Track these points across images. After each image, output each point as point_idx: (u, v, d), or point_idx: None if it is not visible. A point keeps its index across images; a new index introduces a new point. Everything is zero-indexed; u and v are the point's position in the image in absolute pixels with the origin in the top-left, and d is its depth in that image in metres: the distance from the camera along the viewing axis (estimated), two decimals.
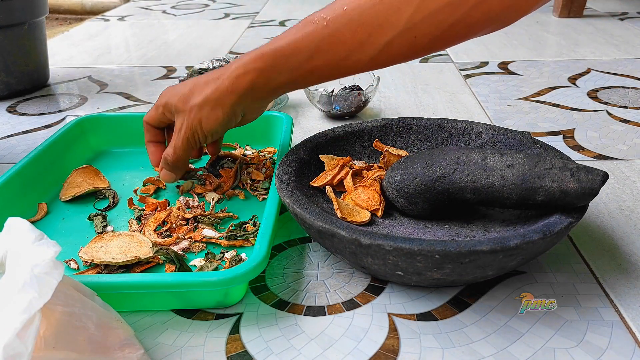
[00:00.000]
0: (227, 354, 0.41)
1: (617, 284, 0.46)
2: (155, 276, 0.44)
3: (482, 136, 0.58)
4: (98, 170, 0.64)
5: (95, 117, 0.72)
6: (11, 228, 0.36)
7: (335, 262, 0.50)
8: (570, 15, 1.43)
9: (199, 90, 0.51)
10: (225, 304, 0.45)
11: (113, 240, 0.50)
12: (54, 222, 0.57)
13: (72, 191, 0.60)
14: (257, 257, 0.43)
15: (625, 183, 0.62)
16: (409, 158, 0.51)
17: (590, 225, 0.55)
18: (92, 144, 0.71)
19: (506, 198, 0.45)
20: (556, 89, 0.94)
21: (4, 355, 0.29)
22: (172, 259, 0.47)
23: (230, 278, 0.41)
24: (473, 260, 0.40)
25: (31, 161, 0.60)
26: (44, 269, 0.32)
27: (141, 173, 0.66)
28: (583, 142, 0.73)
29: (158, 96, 0.56)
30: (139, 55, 1.22)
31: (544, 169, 0.43)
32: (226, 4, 1.79)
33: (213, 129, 0.52)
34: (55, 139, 0.65)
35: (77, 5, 2.24)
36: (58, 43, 1.35)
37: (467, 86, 0.96)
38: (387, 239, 0.40)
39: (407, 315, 0.44)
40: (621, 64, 1.06)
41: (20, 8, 0.92)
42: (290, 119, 0.69)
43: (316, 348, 0.41)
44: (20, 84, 0.97)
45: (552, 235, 0.41)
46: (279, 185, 0.49)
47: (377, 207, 0.51)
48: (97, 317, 0.36)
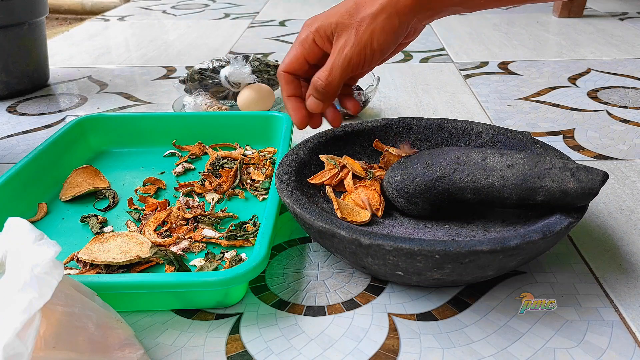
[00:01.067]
0: (227, 354, 0.41)
1: (617, 284, 0.46)
2: (155, 276, 0.44)
3: (482, 136, 0.58)
4: (98, 170, 0.64)
5: (95, 117, 0.72)
6: (11, 228, 0.36)
7: (335, 262, 0.50)
8: (570, 15, 1.43)
9: (368, 2, 0.47)
10: (225, 304, 0.45)
11: (112, 241, 0.50)
12: (54, 222, 0.57)
13: (72, 191, 0.60)
14: (257, 257, 0.43)
15: (625, 183, 0.62)
16: (409, 158, 0.51)
17: (590, 225, 0.55)
18: (92, 144, 0.71)
19: (506, 198, 0.45)
20: (556, 89, 0.94)
21: (4, 355, 0.29)
22: (170, 259, 0.47)
23: (230, 278, 0.41)
24: (473, 260, 0.40)
25: (31, 161, 0.60)
26: (44, 269, 0.32)
27: (141, 173, 0.66)
28: (583, 142, 0.73)
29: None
30: (139, 55, 1.22)
31: (544, 169, 0.43)
32: (226, 4, 1.79)
33: (388, 40, 0.47)
34: (55, 139, 0.65)
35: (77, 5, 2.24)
36: (58, 43, 1.35)
37: (467, 86, 0.96)
38: (387, 239, 0.40)
39: (407, 315, 0.44)
40: (621, 64, 1.06)
41: (20, 8, 0.92)
42: (290, 119, 0.69)
43: (316, 348, 0.41)
44: (20, 84, 0.97)
45: (552, 235, 0.41)
46: (279, 185, 0.49)
47: (377, 207, 0.51)
48: (97, 317, 0.36)
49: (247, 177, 0.63)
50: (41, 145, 0.63)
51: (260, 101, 0.81)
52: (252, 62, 0.88)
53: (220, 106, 0.81)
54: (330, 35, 0.49)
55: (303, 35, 0.50)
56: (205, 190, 0.61)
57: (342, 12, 0.48)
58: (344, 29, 0.48)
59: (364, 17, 0.46)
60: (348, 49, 0.47)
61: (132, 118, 0.73)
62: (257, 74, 0.86)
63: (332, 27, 0.48)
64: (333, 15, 0.48)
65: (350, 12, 0.47)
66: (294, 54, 0.51)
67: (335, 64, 0.48)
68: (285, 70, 0.51)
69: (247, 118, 0.73)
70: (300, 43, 0.50)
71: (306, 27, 0.50)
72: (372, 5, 0.46)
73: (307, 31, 0.50)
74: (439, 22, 1.44)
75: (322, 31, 0.49)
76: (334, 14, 0.48)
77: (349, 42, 0.47)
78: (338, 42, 0.48)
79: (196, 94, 0.83)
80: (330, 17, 0.48)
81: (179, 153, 0.70)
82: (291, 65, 0.51)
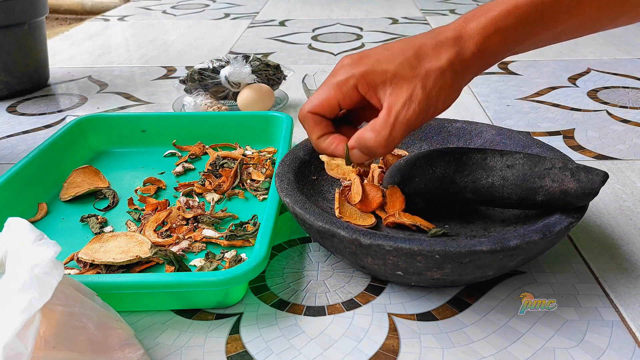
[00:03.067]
0: (227, 354, 0.41)
1: (617, 284, 0.46)
2: (154, 276, 0.44)
3: (482, 136, 0.58)
4: (98, 170, 0.64)
5: (95, 117, 0.72)
6: (11, 228, 0.36)
7: (335, 262, 0.50)
8: None
9: (430, 53, 0.41)
10: (225, 304, 0.45)
11: (112, 241, 0.50)
12: (54, 222, 0.57)
13: (72, 191, 0.60)
14: (257, 257, 0.43)
15: (625, 183, 0.62)
16: (409, 158, 0.51)
17: (590, 225, 0.55)
18: (92, 144, 0.71)
19: (506, 198, 0.45)
20: (556, 89, 0.94)
21: (4, 355, 0.29)
22: (170, 259, 0.47)
23: (230, 278, 0.41)
24: (473, 260, 0.40)
25: (31, 161, 0.60)
26: (44, 269, 0.32)
27: (141, 173, 0.66)
28: (583, 142, 0.73)
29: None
30: (139, 55, 1.22)
31: (544, 169, 0.43)
32: (226, 4, 1.79)
33: (453, 99, 0.42)
34: (55, 138, 0.65)
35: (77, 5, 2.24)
36: (58, 43, 1.35)
37: (467, 86, 0.96)
38: (387, 239, 0.40)
39: (407, 315, 0.44)
40: (621, 64, 1.06)
41: (20, 8, 0.92)
42: (290, 119, 0.69)
43: (316, 348, 0.41)
44: (20, 84, 0.97)
45: (552, 235, 0.41)
46: (279, 185, 0.49)
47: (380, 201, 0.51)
48: (97, 317, 0.36)
49: (247, 177, 0.63)
50: (41, 145, 0.63)
51: (260, 101, 0.81)
52: (252, 62, 0.88)
53: (220, 106, 0.81)
54: (380, 84, 0.41)
55: (341, 78, 0.42)
56: (205, 190, 0.61)
57: (401, 60, 0.41)
58: (404, 81, 0.41)
59: (429, 70, 0.40)
60: (415, 105, 0.40)
61: (132, 118, 0.73)
62: (257, 74, 0.86)
63: (386, 76, 0.41)
64: (387, 62, 0.41)
65: (412, 62, 0.41)
66: (327, 96, 0.43)
67: (399, 121, 0.41)
68: (313, 111, 0.44)
69: (247, 118, 0.73)
70: (337, 86, 0.43)
71: (346, 67, 0.43)
72: (438, 59, 0.41)
73: (347, 73, 0.42)
74: (438, 22, 1.44)
75: (370, 78, 0.41)
76: (389, 61, 0.41)
77: (415, 97, 0.40)
78: (398, 96, 0.41)
79: (196, 94, 0.83)
80: (383, 63, 0.41)
81: (179, 153, 0.70)
82: (321, 108, 0.44)
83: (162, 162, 0.69)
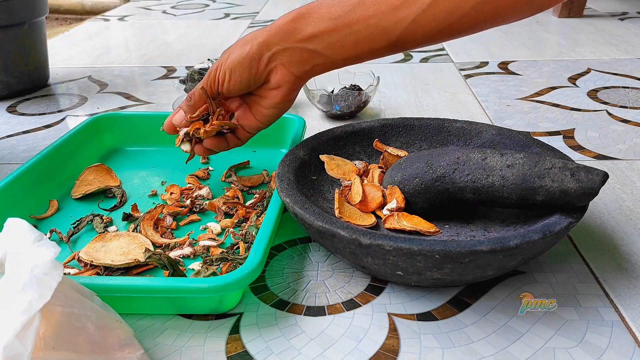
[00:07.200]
0: (227, 354, 0.41)
1: (617, 284, 0.46)
2: (147, 280, 0.43)
3: (482, 136, 0.58)
4: (110, 168, 0.64)
5: (111, 115, 0.73)
6: (11, 229, 0.36)
7: (335, 262, 0.50)
8: (570, 15, 1.43)
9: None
10: (219, 310, 0.44)
11: (114, 240, 0.50)
12: (64, 219, 0.57)
13: (83, 189, 0.61)
14: (251, 263, 0.42)
15: (625, 183, 0.62)
16: (409, 158, 0.51)
17: (590, 225, 0.55)
18: (107, 142, 0.72)
19: (506, 198, 0.45)
20: (556, 89, 0.94)
21: (4, 355, 0.29)
22: (164, 264, 0.46)
23: (222, 285, 0.40)
24: (473, 260, 0.40)
25: (44, 158, 0.61)
26: (43, 270, 0.32)
27: (153, 171, 0.67)
28: (583, 142, 0.73)
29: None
30: (139, 55, 1.22)
31: (544, 169, 0.43)
32: (226, 4, 1.79)
33: (235, 63, 0.52)
34: (69, 136, 0.66)
35: (77, 5, 2.24)
36: (58, 43, 1.35)
37: (467, 86, 0.96)
38: (387, 239, 0.40)
39: (407, 315, 0.44)
40: (621, 64, 1.06)
41: (20, 8, 0.92)
42: (302, 121, 0.68)
43: (316, 348, 0.41)
44: (20, 84, 0.97)
45: (552, 235, 0.41)
46: (279, 185, 0.49)
47: (380, 201, 0.51)
48: (97, 318, 0.36)
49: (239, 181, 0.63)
50: (55, 142, 0.64)
51: None
52: None
53: None
54: None
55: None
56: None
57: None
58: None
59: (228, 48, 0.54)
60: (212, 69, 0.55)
61: (148, 117, 0.73)
62: None
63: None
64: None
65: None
66: None
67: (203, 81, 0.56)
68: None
69: None
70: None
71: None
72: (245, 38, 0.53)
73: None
74: None
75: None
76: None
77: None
78: None
79: None
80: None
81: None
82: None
83: (174, 162, 0.68)
